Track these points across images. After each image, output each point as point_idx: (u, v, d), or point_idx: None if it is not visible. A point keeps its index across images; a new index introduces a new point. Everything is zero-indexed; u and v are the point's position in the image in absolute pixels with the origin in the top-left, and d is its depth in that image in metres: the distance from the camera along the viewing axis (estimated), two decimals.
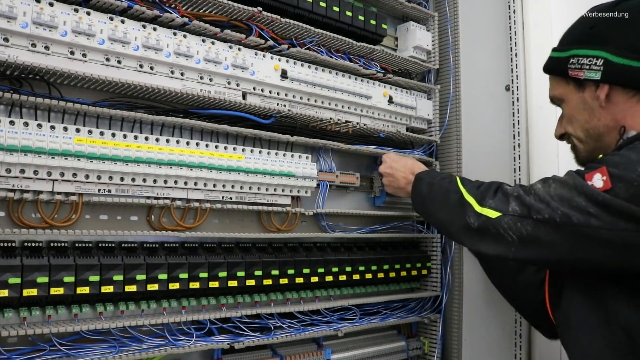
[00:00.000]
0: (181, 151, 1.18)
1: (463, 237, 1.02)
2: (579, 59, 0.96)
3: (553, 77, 1.05)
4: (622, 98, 0.94)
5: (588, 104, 0.97)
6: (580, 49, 0.96)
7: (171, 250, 1.21)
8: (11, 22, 0.97)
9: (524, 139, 1.71)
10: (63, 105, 1.05)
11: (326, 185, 1.52)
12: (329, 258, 1.44)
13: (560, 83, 1.02)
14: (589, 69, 0.94)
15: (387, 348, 1.61)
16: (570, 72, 0.97)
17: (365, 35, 1.57)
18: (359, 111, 1.57)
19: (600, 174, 0.85)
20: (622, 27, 0.96)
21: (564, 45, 1.01)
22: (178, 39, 1.19)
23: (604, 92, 0.95)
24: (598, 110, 0.96)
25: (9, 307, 1.01)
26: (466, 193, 1.02)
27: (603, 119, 0.96)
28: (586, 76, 0.95)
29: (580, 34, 0.99)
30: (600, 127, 0.97)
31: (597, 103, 0.96)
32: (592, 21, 0.99)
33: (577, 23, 1.05)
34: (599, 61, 0.93)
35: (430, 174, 1.25)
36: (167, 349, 1.13)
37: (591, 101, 0.97)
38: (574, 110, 1.00)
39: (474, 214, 0.97)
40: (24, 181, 1.01)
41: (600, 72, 0.93)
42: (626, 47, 0.93)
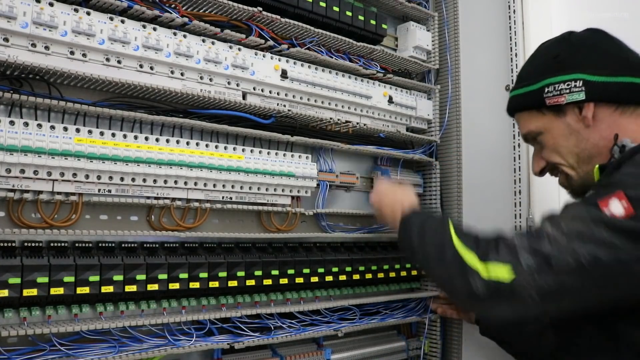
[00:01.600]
0: (181, 151, 1.18)
1: (470, 306, 0.93)
2: (556, 86, 0.94)
3: (524, 113, 1.03)
4: (606, 114, 0.93)
5: (573, 128, 0.96)
6: (554, 77, 0.95)
7: (171, 250, 1.21)
8: (11, 22, 0.97)
9: None
10: (63, 105, 1.05)
11: (326, 185, 1.52)
12: (329, 258, 1.44)
13: (535, 116, 1.00)
14: (569, 92, 0.93)
15: (387, 348, 1.61)
16: (549, 100, 0.96)
17: (365, 35, 1.57)
18: (359, 111, 1.57)
19: (618, 198, 0.77)
20: (586, 52, 0.96)
21: (530, 80, 1.00)
22: (178, 39, 1.19)
23: (591, 110, 0.93)
24: (584, 132, 0.95)
25: (9, 307, 1.00)
26: (462, 247, 0.88)
27: (591, 139, 0.94)
28: (569, 100, 0.94)
29: (546, 65, 0.98)
30: (590, 148, 0.95)
31: (582, 125, 0.95)
32: (552, 52, 0.99)
33: (534, 59, 1.04)
34: (578, 83, 0.93)
35: (419, 218, 1.08)
36: (167, 349, 1.13)
37: (575, 124, 0.95)
38: (559, 138, 0.98)
39: (478, 277, 0.83)
40: (24, 181, 1.01)
41: (584, 92, 0.92)
42: (598, 67, 0.93)
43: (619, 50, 0.97)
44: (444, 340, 1.73)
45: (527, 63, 1.06)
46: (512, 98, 1.06)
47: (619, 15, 1.52)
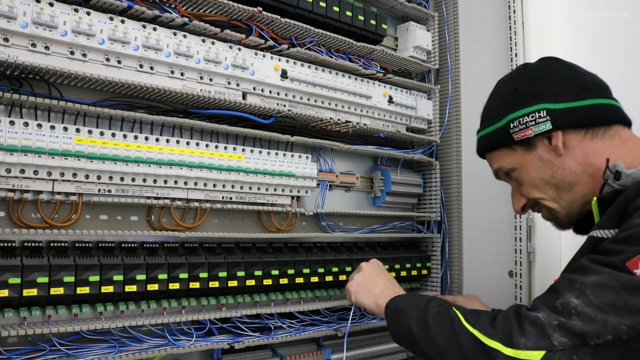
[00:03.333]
0: (181, 151, 1.18)
1: None
2: (520, 120, 0.91)
3: (495, 152, 1.00)
4: (577, 140, 0.90)
5: (545, 159, 0.92)
6: (516, 111, 0.92)
7: (171, 250, 1.21)
8: (11, 22, 0.97)
9: None
10: (63, 105, 1.05)
11: (326, 185, 1.52)
12: (329, 258, 1.44)
13: (506, 154, 0.97)
14: (535, 124, 0.90)
15: (387, 348, 1.61)
16: (516, 135, 0.93)
17: (365, 35, 1.57)
18: (359, 111, 1.57)
19: None
20: (544, 81, 0.93)
21: (494, 118, 0.97)
22: (178, 39, 1.19)
23: (560, 139, 0.90)
24: (558, 161, 0.91)
25: (9, 307, 1.01)
26: (481, 335, 0.80)
27: (567, 166, 0.91)
28: (535, 131, 0.90)
29: (505, 101, 0.95)
30: (568, 176, 0.91)
31: (554, 155, 0.91)
32: (510, 87, 0.96)
33: (494, 97, 1.01)
34: (542, 113, 0.90)
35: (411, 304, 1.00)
36: (167, 349, 1.13)
37: (547, 155, 0.92)
38: (533, 172, 0.94)
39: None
40: (24, 181, 1.01)
41: (549, 121, 0.89)
42: (559, 94, 0.90)
43: (575, 74, 0.94)
44: None
45: (488, 102, 1.02)
46: (479, 139, 1.03)
47: (619, 15, 1.52)
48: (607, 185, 0.84)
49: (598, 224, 0.82)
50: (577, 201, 0.91)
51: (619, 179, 0.82)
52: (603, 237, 0.80)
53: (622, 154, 0.87)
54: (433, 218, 1.74)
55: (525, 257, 1.83)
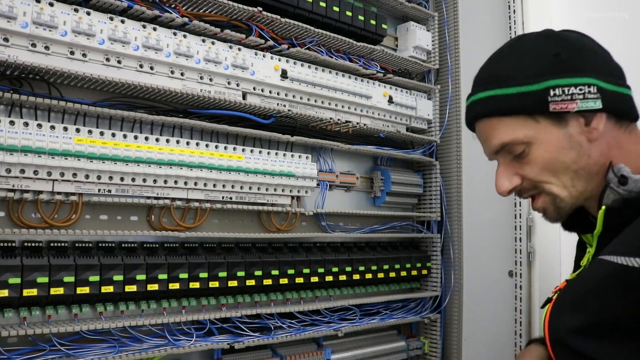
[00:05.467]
0: (181, 151, 1.18)
1: None
2: (566, 90, 0.78)
3: (508, 119, 0.82)
4: (610, 128, 0.80)
5: (575, 141, 0.79)
6: (561, 78, 0.78)
7: (171, 250, 1.21)
8: (11, 22, 0.97)
9: None
10: (63, 105, 1.05)
11: (326, 185, 1.52)
12: (329, 258, 1.44)
13: (524, 123, 0.81)
14: (583, 98, 0.78)
15: (387, 348, 1.61)
16: (554, 105, 0.78)
17: (365, 35, 1.57)
18: (359, 111, 1.57)
19: None
20: (591, 55, 0.81)
21: (523, 79, 0.80)
22: (178, 39, 1.19)
23: (603, 122, 0.78)
24: (587, 147, 0.79)
25: (9, 307, 1.01)
26: None
27: (593, 155, 0.80)
28: (581, 107, 0.78)
29: (543, 63, 0.80)
30: (591, 165, 0.80)
31: (584, 138, 0.79)
32: (549, 50, 0.81)
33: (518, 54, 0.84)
34: (592, 89, 0.77)
35: None
36: (167, 349, 1.13)
37: (578, 137, 0.79)
38: (555, 151, 0.80)
39: None
40: (24, 181, 1.01)
41: (600, 100, 0.77)
42: (606, 73, 0.79)
43: (611, 57, 0.84)
44: (444, 340, 1.73)
45: (510, 58, 0.85)
46: (485, 100, 0.84)
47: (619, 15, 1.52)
48: (609, 189, 0.76)
49: (620, 248, 0.71)
50: (587, 193, 0.81)
51: (625, 184, 0.75)
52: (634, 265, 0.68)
53: (632, 154, 0.80)
54: (433, 218, 1.74)
55: (525, 257, 1.83)
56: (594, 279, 0.73)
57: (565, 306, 0.76)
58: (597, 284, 0.72)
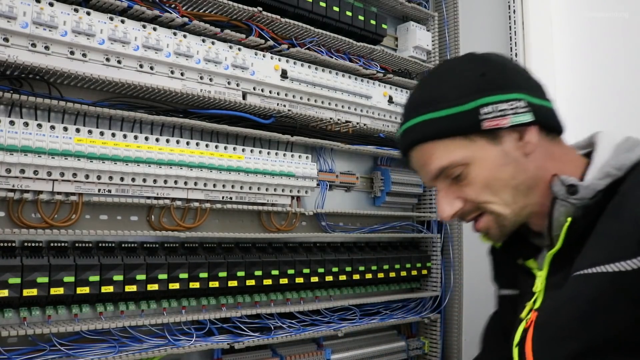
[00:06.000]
0: (181, 151, 1.18)
1: None
2: (496, 106, 0.78)
3: (443, 142, 0.81)
4: (543, 141, 0.80)
5: (511, 157, 0.79)
6: (490, 96, 0.78)
7: (171, 250, 1.21)
8: (11, 22, 0.97)
9: None
10: (63, 105, 1.05)
11: (326, 185, 1.52)
12: (329, 258, 1.44)
13: (459, 144, 0.80)
14: (514, 113, 0.78)
15: (387, 348, 1.61)
16: (487, 123, 0.78)
17: (365, 35, 1.57)
18: (359, 111, 1.57)
19: None
20: (514, 73, 0.82)
21: (453, 100, 0.80)
22: (178, 39, 1.19)
23: (535, 135, 0.79)
24: (523, 161, 0.79)
25: (9, 307, 1.00)
26: None
27: (530, 169, 0.79)
28: (513, 122, 0.78)
29: (471, 83, 0.80)
30: (529, 179, 0.79)
31: (521, 153, 0.79)
32: (475, 71, 0.82)
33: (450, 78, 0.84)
34: (521, 103, 0.78)
35: None
36: (167, 349, 1.13)
37: (514, 152, 0.79)
38: (493, 169, 0.79)
39: None
40: (24, 181, 1.01)
41: (530, 113, 0.78)
42: (532, 89, 0.80)
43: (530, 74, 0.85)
44: (444, 340, 1.73)
45: (438, 82, 0.84)
46: (417, 126, 0.82)
47: (619, 15, 1.52)
48: (558, 202, 0.75)
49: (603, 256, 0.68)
50: (528, 208, 0.81)
51: (575, 193, 0.74)
52: (631, 268, 0.65)
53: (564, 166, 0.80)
54: (433, 218, 1.74)
55: None
56: (585, 298, 0.69)
57: (556, 335, 0.72)
58: (592, 301, 0.68)
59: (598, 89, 1.56)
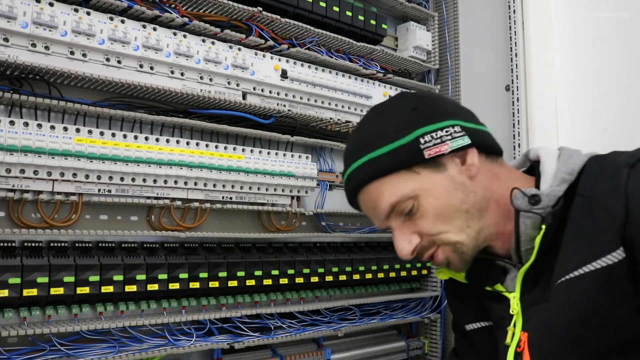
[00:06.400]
0: (181, 151, 1.18)
1: None
2: (433, 134, 0.78)
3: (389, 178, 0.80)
4: (485, 163, 0.82)
5: (457, 182, 0.79)
6: (426, 126, 0.79)
7: (171, 250, 1.21)
8: (11, 22, 0.97)
9: (524, 139, 1.71)
10: (63, 105, 1.05)
11: (326, 185, 1.52)
12: (329, 258, 1.44)
13: (405, 178, 0.79)
14: (451, 138, 0.79)
15: (387, 348, 1.61)
16: (429, 151, 0.78)
17: (365, 35, 1.57)
18: (359, 111, 1.57)
19: None
20: (442, 103, 0.85)
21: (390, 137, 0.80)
22: (178, 39, 1.19)
23: (476, 156, 0.80)
24: (469, 184, 0.79)
25: (9, 307, 1.01)
26: None
27: (478, 191, 0.80)
28: (452, 147, 0.78)
29: (406, 118, 0.81)
30: (479, 200, 0.80)
31: (465, 177, 0.80)
32: (406, 107, 0.83)
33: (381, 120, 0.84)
34: (456, 128, 0.79)
35: None
36: (167, 349, 1.13)
37: (459, 176, 0.79)
38: (442, 196, 0.79)
39: None
40: (24, 181, 1.01)
41: (467, 136, 0.79)
42: (463, 115, 0.83)
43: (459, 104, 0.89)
44: (444, 340, 1.73)
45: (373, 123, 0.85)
46: (361, 167, 0.81)
47: (619, 15, 1.52)
48: (522, 215, 0.74)
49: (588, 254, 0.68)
50: (484, 231, 0.80)
51: (538, 202, 0.73)
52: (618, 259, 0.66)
53: (513, 180, 0.81)
54: None
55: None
56: (581, 300, 0.68)
57: (559, 347, 0.70)
58: (589, 302, 0.68)
59: (598, 89, 1.56)
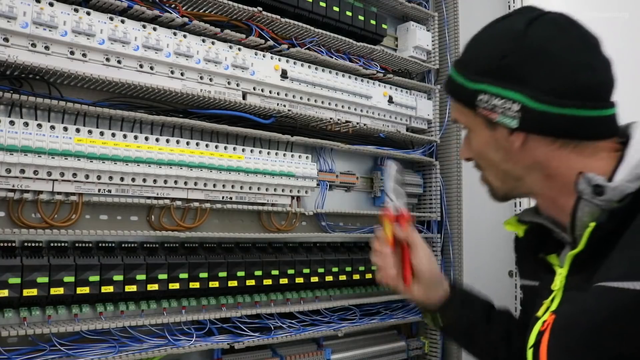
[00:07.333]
0: (181, 151, 1.18)
1: None
2: (491, 99, 0.76)
3: (455, 101, 0.85)
4: (540, 144, 0.76)
5: (500, 145, 0.79)
6: (492, 86, 0.76)
7: (171, 250, 1.21)
8: (11, 22, 0.97)
9: None
10: (63, 105, 1.05)
11: (326, 185, 1.52)
12: (329, 258, 1.44)
13: (465, 112, 0.82)
14: (502, 113, 0.76)
15: (387, 348, 1.61)
16: (479, 109, 0.78)
17: (365, 35, 1.57)
18: (359, 111, 1.57)
19: None
20: (536, 65, 0.75)
21: (470, 72, 0.80)
22: (178, 39, 1.19)
23: (520, 140, 0.76)
24: (514, 153, 0.78)
25: (9, 307, 1.01)
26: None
27: (521, 161, 0.78)
28: (499, 120, 0.76)
29: (489, 63, 0.78)
30: (519, 170, 0.79)
31: (510, 146, 0.78)
32: (503, 48, 0.77)
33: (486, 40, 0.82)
34: (514, 106, 0.74)
35: None
36: (167, 349, 1.13)
37: (504, 142, 0.78)
38: (485, 146, 0.81)
39: None
40: (24, 181, 1.01)
41: (517, 120, 0.74)
42: (545, 90, 0.73)
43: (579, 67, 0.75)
44: (444, 340, 1.73)
45: (476, 44, 0.84)
46: (451, 79, 0.85)
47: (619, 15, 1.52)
48: (583, 201, 0.71)
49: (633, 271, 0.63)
50: (520, 189, 0.82)
51: (601, 194, 0.69)
52: None
53: (591, 163, 0.74)
54: (433, 218, 1.74)
55: None
56: (606, 311, 0.65)
57: (572, 346, 0.69)
58: (612, 316, 0.65)
59: None
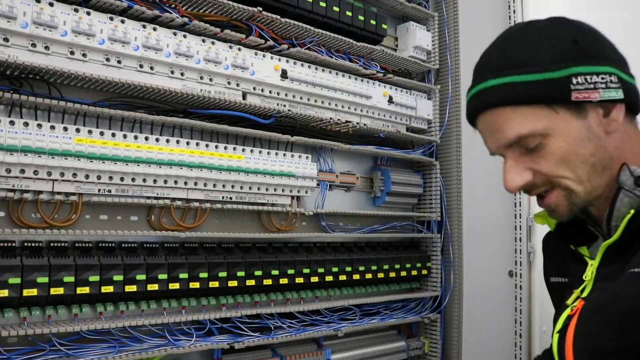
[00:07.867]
0: (181, 151, 1.18)
1: None
2: (588, 78, 0.72)
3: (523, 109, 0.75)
4: (625, 121, 0.75)
5: (593, 133, 0.74)
6: (584, 66, 0.72)
7: (171, 250, 1.21)
8: (11, 22, 0.97)
9: None
10: (63, 105, 1.05)
11: (326, 185, 1.52)
12: (329, 258, 1.44)
13: (542, 113, 0.74)
14: (605, 87, 0.72)
15: (387, 348, 1.61)
16: (577, 94, 0.72)
17: (365, 35, 1.57)
18: (359, 111, 1.57)
19: None
20: (605, 43, 0.76)
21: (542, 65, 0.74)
22: (178, 39, 1.19)
23: (622, 113, 0.73)
24: (604, 139, 0.74)
25: (9, 307, 1.01)
26: None
27: (609, 148, 0.74)
28: (603, 97, 0.72)
29: (563, 49, 0.74)
30: (607, 158, 0.75)
31: (602, 130, 0.74)
32: (566, 36, 0.76)
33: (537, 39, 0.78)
34: (613, 77, 0.72)
35: None
36: (167, 349, 1.13)
37: (597, 128, 0.74)
38: (574, 143, 0.74)
39: None
40: (24, 181, 1.01)
41: (622, 90, 0.72)
42: (622, 63, 0.74)
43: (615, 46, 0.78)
44: (444, 340, 1.73)
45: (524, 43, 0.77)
46: (502, 86, 0.76)
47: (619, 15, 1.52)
48: (623, 192, 0.71)
49: None
50: (600, 188, 0.76)
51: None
52: None
53: None
54: (433, 218, 1.74)
55: (525, 257, 1.84)
56: (636, 297, 0.65)
57: (599, 329, 0.69)
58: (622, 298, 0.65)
59: None
